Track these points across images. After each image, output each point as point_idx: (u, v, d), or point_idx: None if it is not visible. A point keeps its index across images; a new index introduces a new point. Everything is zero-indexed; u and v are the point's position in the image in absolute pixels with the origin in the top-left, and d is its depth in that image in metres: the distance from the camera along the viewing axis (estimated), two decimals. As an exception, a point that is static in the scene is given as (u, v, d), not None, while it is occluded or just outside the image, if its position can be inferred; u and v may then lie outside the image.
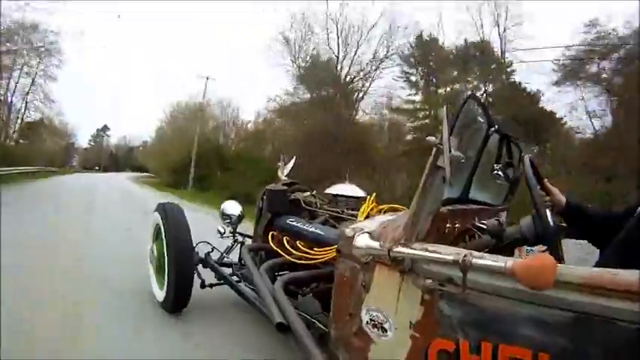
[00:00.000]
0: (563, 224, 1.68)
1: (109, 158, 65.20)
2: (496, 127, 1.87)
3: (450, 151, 1.25)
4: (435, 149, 1.30)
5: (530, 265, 0.96)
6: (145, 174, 42.00)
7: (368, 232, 1.50)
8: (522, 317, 1.06)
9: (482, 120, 1.84)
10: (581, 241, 1.89)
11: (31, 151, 28.37)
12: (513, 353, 1.06)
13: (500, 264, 1.03)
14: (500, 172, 1.80)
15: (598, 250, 1.59)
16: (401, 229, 1.37)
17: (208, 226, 3.72)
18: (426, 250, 1.26)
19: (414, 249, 1.30)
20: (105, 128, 67.33)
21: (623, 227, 1.32)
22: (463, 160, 1.39)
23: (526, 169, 1.52)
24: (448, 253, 1.18)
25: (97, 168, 56.29)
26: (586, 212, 1.65)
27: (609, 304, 0.93)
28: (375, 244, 1.42)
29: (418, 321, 1.27)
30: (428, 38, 20.24)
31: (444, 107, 1.32)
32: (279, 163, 3.67)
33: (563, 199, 1.65)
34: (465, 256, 1.08)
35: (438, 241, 1.38)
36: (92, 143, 66.67)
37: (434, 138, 1.29)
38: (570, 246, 1.93)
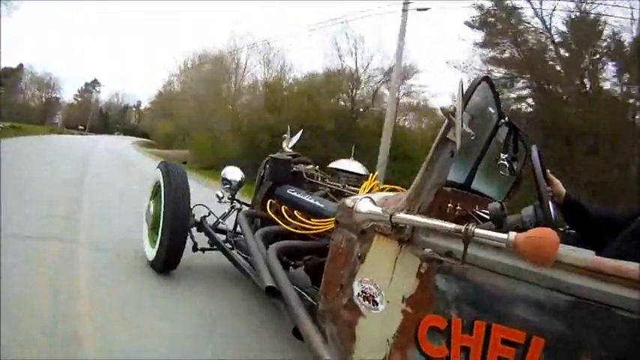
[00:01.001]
0: (560, 229, 1.65)
1: (98, 117, 53.62)
2: (506, 118, 1.83)
3: (462, 125, 1.20)
4: (446, 121, 1.25)
5: (533, 237, 0.93)
6: (144, 139, 34.92)
7: (370, 198, 1.46)
8: (520, 297, 1.02)
9: (492, 110, 1.80)
10: (575, 248, 1.86)
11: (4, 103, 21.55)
12: (506, 335, 1.02)
13: (503, 236, 0.98)
14: (506, 163, 1.75)
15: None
16: (404, 200, 1.34)
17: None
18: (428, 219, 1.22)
19: (417, 217, 1.25)
20: (95, 83, 55.98)
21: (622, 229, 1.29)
22: (473, 137, 1.36)
23: (534, 159, 1.47)
24: (450, 224, 1.13)
25: (80, 128, 45.92)
26: (584, 208, 1.62)
27: (611, 291, 0.89)
28: (377, 209, 1.38)
29: (412, 295, 1.23)
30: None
31: (460, 80, 1.28)
32: (285, 135, 3.62)
33: (563, 190, 1.62)
34: (467, 225, 1.03)
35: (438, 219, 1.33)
36: (79, 99, 55.66)
37: (448, 107, 1.24)
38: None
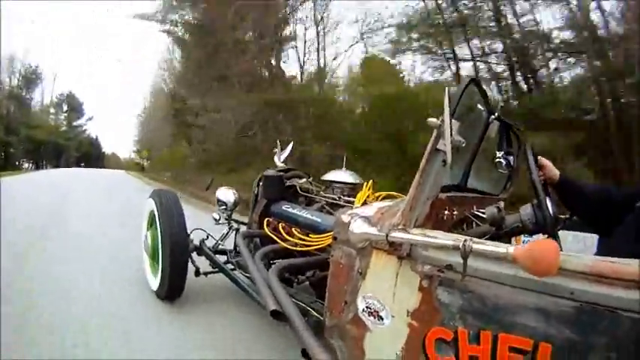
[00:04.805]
0: (562, 216, 1.66)
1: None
2: (497, 114, 1.85)
3: (451, 134, 1.21)
4: (435, 132, 1.26)
5: (533, 250, 0.93)
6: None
7: (365, 217, 1.47)
8: (524, 306, 1.03)
9: (482, 107, 1.82)
10: (579, 233, 1.88)
11: None
12: (514, 343, 1.03)
13: (502, 250, 1.00)
14: (502, 160, 1.77)
15: (596, 242, 1.58)
16: (399, 214, 1.34)
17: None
18: (425, 235, 1.22)
19: (413, 234, 1.26)
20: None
21: (621, 209, 1.31)
22: (464, 144, 1.36)
23: (528, 157, 1.49)
24: (447, 238, 1.14)
25: None
26: (580, 189, 1.63)
27: (613, 294, 0.90)
28: (373, 230, 1.38)
29: (416, 309, 1.24)
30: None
31: (446, 90, 1.28)
32: (275, 149, 3.59)
33: (557, 172, 1.63)
34: (465, 241, 1.04)
35: (436, 228, 1.35)
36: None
37: (435, 120, 1.25)
38: (569, 238, 1.91)
